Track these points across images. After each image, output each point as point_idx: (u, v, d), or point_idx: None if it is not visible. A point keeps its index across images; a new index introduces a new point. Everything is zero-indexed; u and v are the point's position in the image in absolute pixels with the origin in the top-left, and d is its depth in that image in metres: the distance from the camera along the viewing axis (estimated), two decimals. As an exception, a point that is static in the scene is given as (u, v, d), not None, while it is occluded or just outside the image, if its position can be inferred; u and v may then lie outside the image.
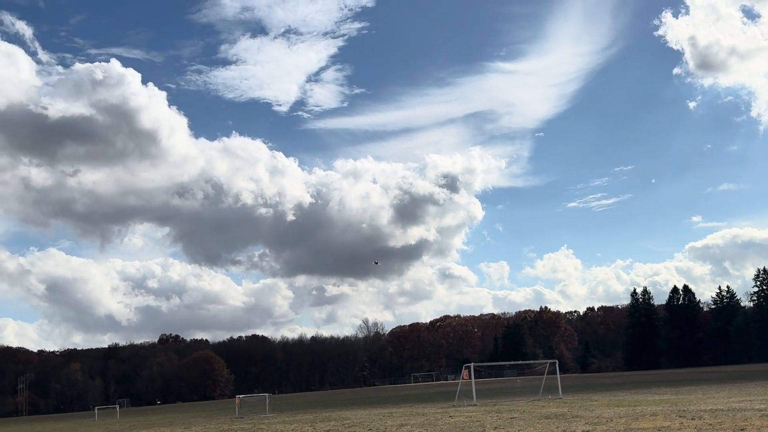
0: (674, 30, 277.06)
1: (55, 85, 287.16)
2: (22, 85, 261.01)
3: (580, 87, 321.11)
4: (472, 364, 51.75)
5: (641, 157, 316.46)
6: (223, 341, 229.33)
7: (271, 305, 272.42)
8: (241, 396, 67.33)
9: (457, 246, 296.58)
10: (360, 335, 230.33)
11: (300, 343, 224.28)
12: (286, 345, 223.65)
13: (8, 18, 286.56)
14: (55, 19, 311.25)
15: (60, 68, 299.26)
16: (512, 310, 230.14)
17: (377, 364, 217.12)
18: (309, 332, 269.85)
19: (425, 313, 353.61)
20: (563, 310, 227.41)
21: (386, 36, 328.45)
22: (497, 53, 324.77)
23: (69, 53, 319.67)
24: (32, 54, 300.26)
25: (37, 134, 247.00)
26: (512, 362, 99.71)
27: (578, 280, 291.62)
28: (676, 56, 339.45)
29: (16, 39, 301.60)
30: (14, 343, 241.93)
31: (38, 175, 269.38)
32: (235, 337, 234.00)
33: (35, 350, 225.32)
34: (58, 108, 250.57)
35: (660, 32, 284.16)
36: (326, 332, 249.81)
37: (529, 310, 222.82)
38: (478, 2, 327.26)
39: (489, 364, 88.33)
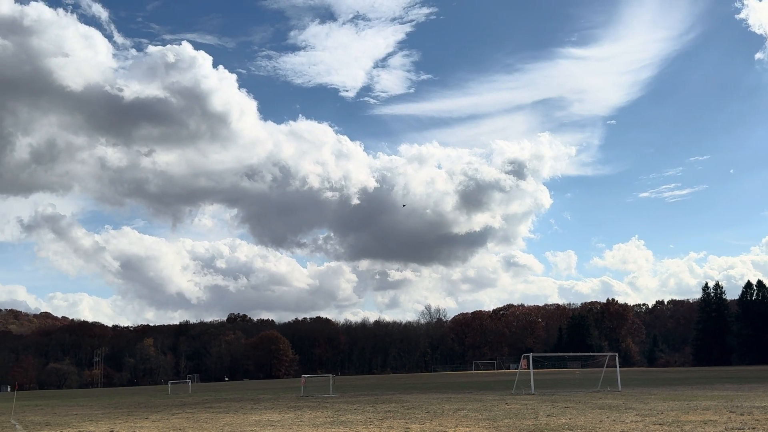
0: (757, 13, 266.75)
1: (130, 67, 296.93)
2: (98, 67, 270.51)
3: (654, 74, 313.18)
4: (531, 354, 52.33)
5: (719, 147, 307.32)
6: (288, 322, 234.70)
7: (335, 288, 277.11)
8: (306, 376, 69.62)
9: (523, 234, 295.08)
10: (422, 321, 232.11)
11: (363, 327, 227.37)
12: (349, 328, 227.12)
13: (85, 1, 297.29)
14: (132, 5, 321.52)
15: (134, 51, 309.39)
16: (578, 301, 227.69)
17: (439, 350, 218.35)
18: (372, 316, 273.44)
19: (488, 301, 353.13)
20: (631, 303, 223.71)
21: (454, 22, 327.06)
22: (568, 39, 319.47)
23: (145, 38, 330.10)
24: (108, 37, 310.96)
25: (113, 115, 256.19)
26: (572, 354, 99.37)
27: (649, 272, 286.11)
28: (759, 41, 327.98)
29: (93, 21, 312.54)
30: (89, 317, 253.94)
31: (114, 155, 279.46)
32: (300, 318, 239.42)
33: (110, 325, 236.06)
34: (133, 89, 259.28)
35: (742, 15, 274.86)
36: (389, 317, 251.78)
37: (596, 301, 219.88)
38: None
39: (549, 354, 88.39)
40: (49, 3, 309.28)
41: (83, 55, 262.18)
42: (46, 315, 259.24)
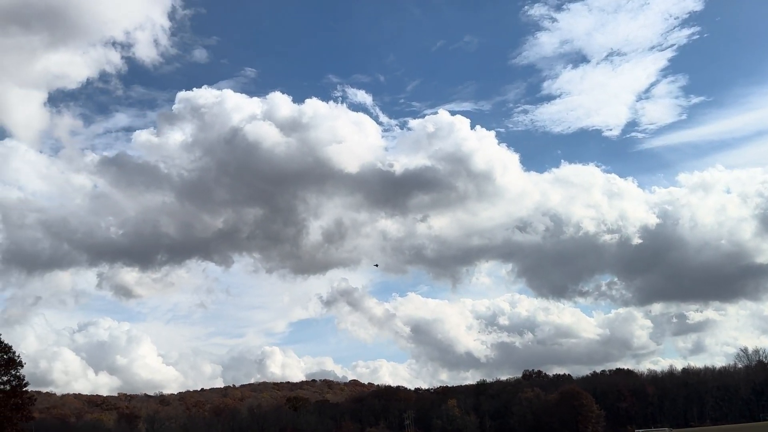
0: None
1: (397, 143, 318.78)
2: (370, 148, 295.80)
3: None
4: None
5: None
6: (586, 375, 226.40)
7: (628, 336, 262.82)
8: (639, 430, 65.53)
9: None
10: (740, 365, 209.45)
11: (671, 376, 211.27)
12: (655, 378, 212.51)
13: (351, 90, 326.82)
14: (394, 89, 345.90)
15: (398, 129, 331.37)
16: None
17: (765, 396, 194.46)
18: (677, 364, 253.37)
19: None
20: None
21: (721, 37, 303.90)
22: None
23: (407, 116, 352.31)
24: (375, 119, 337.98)
25: (388, 189, 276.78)
26: None
27: None
28: None
29: (360, 108, 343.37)
30: (391, 382, 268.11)
31: (392, 226, 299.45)
32: (598, 371, 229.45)
33: (412, 388, 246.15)
34: (402, 163, 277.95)
35: None
36: (696, 363, 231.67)
37: None
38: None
39: None
40: (321, 97, 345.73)
41: (355, 139, 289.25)
42: (355, 382, 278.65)
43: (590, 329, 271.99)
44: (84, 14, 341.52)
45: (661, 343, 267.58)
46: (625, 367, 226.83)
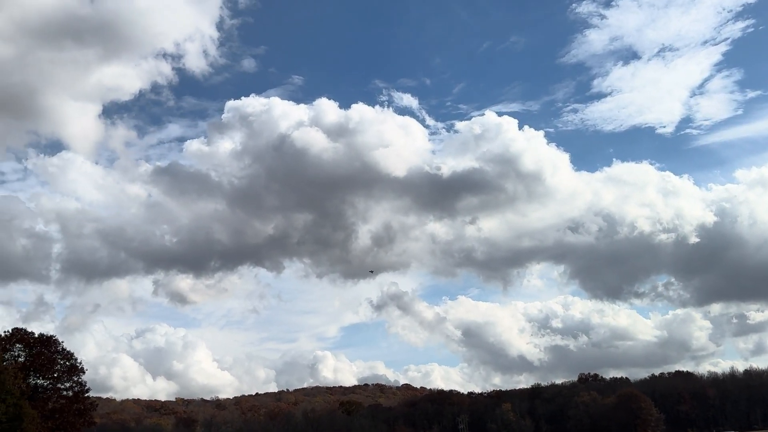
0: None
1: (444, 146, 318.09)
2: (417, 151, 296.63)
3: None
4: None
5: None
6: (644, 378, 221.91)
7: (686, 338, 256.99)
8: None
9: None
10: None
11: (732, 378, 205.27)
12: (715, 380, 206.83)
13: (397, 94, 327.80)
14: (440, 92, 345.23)
15: (445, 131, 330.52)
16: None
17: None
18: (738, 365, 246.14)
19: None
20: None
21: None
22: None
23: (454, 119, 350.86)
24: (421, 122, 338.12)
25: (436, 192, 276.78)
26: None
27: None
28: None
29: (406, 111, 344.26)
30: (442, 385, 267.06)
31: (441, 229, 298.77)
32: (656, 373, 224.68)
33: (464, 392, 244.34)
34: (450, 165, 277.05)
35: None
36: (758, 364, 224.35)
37: None
38: None
39: None
40: (367, 102, 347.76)
41: (402, 143, 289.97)
42: (407, 387, 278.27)
43: (647, 331, 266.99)
44: (135, 27, 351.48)
45: (721, 344, 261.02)
46: (685, 369, 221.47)
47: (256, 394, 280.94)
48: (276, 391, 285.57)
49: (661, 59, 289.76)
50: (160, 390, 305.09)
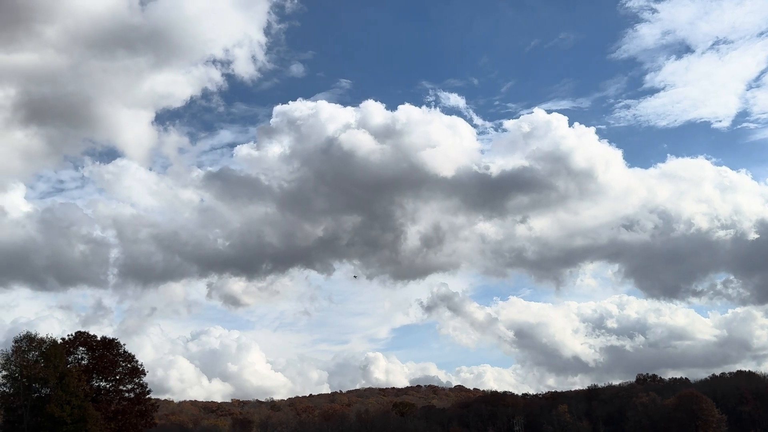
0: None
1: (492, 145, 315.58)
2: (465, 151, 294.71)
3: None
4: None
5: None
6: (705, 379, 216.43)
7: (747, 337, 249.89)
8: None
9: None
10: None
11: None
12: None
13: (444, 94, 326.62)
14: (488, 91, 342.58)
15: (493, 131, 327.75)
16: None
17: None
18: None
19: None
20: None
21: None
22: None
23: (503, 118, 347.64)
24: (469, 122, 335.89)
25: (485, 191, 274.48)
26: None
27: None
28: None
29: (454, 111, 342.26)
30: (495, 387, 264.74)
31: (491, 228, 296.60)
32: (717, 374, 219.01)
33: (519, 393, 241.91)
34: (499, 164, 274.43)
35: None
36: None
37: None
38: None
39: None
40: (414, 103, 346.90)
41: (450, 143, 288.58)
42: (460, 388, 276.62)
43: (706, 330, 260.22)
44: (185, 35, 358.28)
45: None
46: (746, 369, 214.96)
47: (310, 395, 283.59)
48: (329, 392, 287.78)
49: (715, 52, 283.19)
50: (216, 391, 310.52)
